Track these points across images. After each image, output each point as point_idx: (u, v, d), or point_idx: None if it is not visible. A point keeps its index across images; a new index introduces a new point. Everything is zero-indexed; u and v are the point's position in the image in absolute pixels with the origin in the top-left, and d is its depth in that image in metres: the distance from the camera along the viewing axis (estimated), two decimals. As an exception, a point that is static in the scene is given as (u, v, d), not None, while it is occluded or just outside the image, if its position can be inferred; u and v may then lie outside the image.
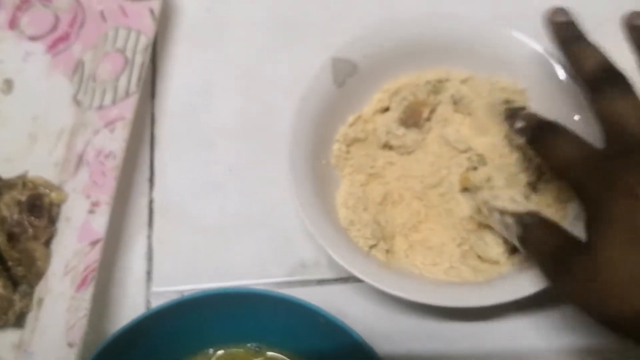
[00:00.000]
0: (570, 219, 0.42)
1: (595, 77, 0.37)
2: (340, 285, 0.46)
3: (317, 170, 0.45)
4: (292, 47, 0.53)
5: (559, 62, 0.44)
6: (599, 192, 0.34)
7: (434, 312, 0.45)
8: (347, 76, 0.46)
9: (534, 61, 0.45)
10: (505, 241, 0.42)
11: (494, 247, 0.42)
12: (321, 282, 0.47)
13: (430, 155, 0.46)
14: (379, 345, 0.39)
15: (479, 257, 0.43)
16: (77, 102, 0.50)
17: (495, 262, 0.42)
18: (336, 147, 0.47)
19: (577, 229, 0.36)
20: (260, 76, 0.52)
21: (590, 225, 0.35)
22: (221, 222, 0.48)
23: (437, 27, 0.47)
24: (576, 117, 0.43)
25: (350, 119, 0.47)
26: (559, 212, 0.43)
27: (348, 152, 0.47)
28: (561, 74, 0.44)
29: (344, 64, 0.46)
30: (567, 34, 0.40)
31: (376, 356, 0.38)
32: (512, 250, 0.42)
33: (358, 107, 0.47)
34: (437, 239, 0.44)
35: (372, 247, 0.43)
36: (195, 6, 0.55)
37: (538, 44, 0.45)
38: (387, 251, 0.43)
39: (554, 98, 0.44)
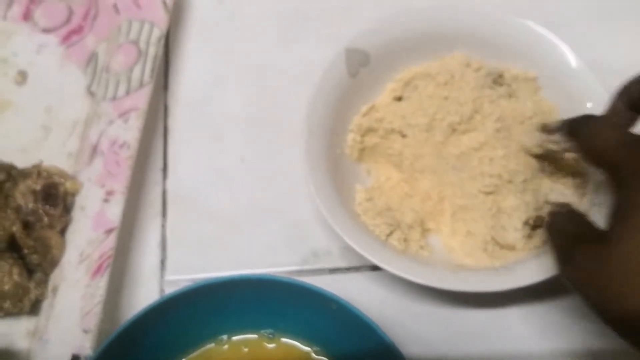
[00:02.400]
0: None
1: None
2: (353, 274, 0.47)
3: (332, 159, 0.45)
4: (303, 38, 0.54)
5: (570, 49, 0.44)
6: (631, 179, 0.33)
7: (447, 299, 0.45)
8: (360, 66, 0.47)
9: (545, 49, 0.45)
10: (523, 226, 0.42)
11: (512, 232, 0.42)
12: (333, 270, 0.47)
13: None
14: (392, 331, 0.39)
15: (497, 242, 0.43)
16: (90, 93, 0.51)
17: (512, 248, 0.42)
18: (350, 137, 0.47)
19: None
20: (271, 67, 0.53)
21: (615, 214, 0.33)
22: (233, 212, 0.49)
23: (449, 17, 0.47)
24: (588, 105, 0.43)
25: (364, 108, 0.47)
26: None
27: (362, 142, 0.47)
28: (572, 60, 0.44)
29: (358, 54, 0.47)
30: None
31: (389, 341, 0.38)
32: (530, 235, 0.42)
33: (371, 97, 0.48)
34: (454, 227, 0.44)
35: (388, 235, 0.44)
36: (206, -2, 0.56)
37: (549, 32, 0.45)
38: (404, 240, 0.43)
39: (565, 85, 0.44)
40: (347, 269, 0.47)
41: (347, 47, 0.46)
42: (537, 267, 0.40)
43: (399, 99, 0.47)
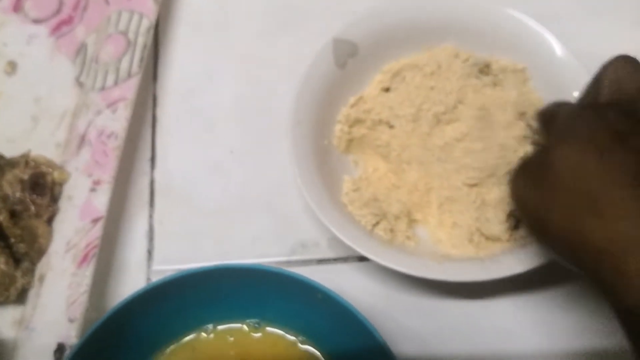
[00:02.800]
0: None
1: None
2: (340, 264, 0.47)
3: (319, 150, 0.45)
4: (292, 30, 0.54)
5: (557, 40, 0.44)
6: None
7: (433, 289, 0.45)
8: (348, 57, 0.47)
9: (533, 40, 0.45)
10: (507, 218, 0.42)
11: (496, 225, 0.42)
12: (321, 261, 0.47)
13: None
14: (378, 321, 0.39)
15: (482, 234, 0.43)
16: (79, 84, 0.51)
17: (497, 239, 0.42)
18: (338, 128, 0.47)
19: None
20: (260, 59, 0.53)
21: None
22: (222, 203, 0.49)
23: (437, 8, 0.47)
24: (575, 94, 0.43)
25: (352, 99, 0.47)
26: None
27: (350, 132, 0.47)
28: (559, 51, 0.44)
29: (345, 44, 0.47)
30: None
31: (374, 331, 0.38)
32: (514, 227, 0.42)
33: (359, 88, 0.48)
34: (441, 218, 0.44)
35: (374, 225, 0.44)
36: (196, -10, 0.56)
37: (536, 22, 0.45)
38: (391, 230, 0.43)
39: (553, 76, 0.44)
40: (335, 260, 0.47)
41: (335, 38, 0.46)
42: (523, 258, 0.40)
43: (387, 90, 0.47)
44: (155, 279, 0.46)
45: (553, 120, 0.37)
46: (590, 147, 0.32)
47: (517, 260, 0.40)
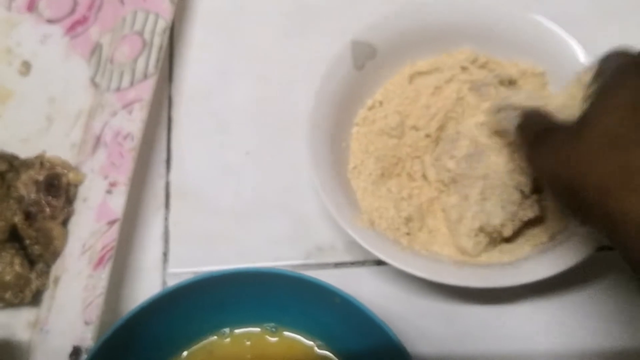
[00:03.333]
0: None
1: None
2: (357, 268, 0.46)
3: (337, 153, 0.45)
4: (307, 32, 0.54)
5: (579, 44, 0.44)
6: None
7: (450, 292, 0.45)
8: (366, 59, 0.46)
9: (554, 44, 0.45)
10: (503, 208, 0.42)
11: (495, 216, 0.42)
12: (338, 265, 0.47)
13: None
14: (395, 326, 0.38)
15: (484, 231, 0.42)
16: (94, 84, 0.51)
17: (499, 232, 0.42)
18: (355, 130, 0.46)
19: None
20: (276, 60, 0.53)
21: (588, 103, 0.33)
22: (237, 205, 0.49)
23: (456, 11, 0.47)
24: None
25: (369, 102, 0.47)
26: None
27: (366, 135, 0.47)
28: (581, 56, 0.44)
29: (364, 47, 0.46)
30: None
31: (393, 335, 0.37)
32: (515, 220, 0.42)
33: (377, 90, 0.48)
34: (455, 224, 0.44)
35: (393, 229, 0.43)
36: (211, -9, 0.55)
37: (557, 27, 0.44)
38: (407, 234, 0.43)
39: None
40: (352, 264, 0.47)
41: (353, 40, 0.46)
42: (543, 264, 0.40)
43: (402, 94, 0.47)
44: (171, 281, 0.46)
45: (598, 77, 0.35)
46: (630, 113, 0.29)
47: (538, 266, 0.40)
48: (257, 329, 0.43)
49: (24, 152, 0.48)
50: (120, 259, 0.46)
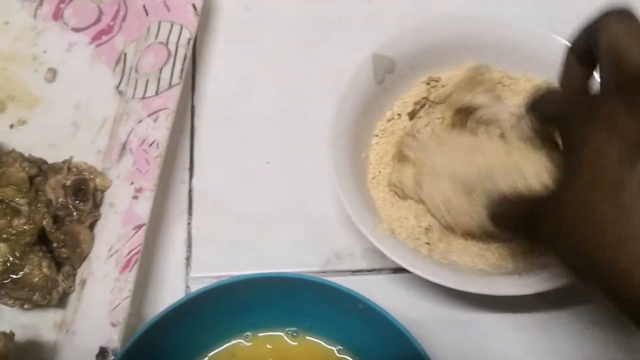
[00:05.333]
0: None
1: (600, 15, 0.34)
2: (374, 275, 0.48)
3: (357, 163, 0.46)
4: (326, 43, 0.55)
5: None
6: (579, 126, 0.32)
7: (468, 301, 0.46)
8: (386, 73, 0.48)
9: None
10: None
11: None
12: (355, 272, 0.48)
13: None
14: (413, 333, 0.39)
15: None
16: (119, 92, 0.52)
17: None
18: (375, 142, 0.48)
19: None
20: (296, 71, 0.54)
21: (562, 169, 0.33)
22: (257, 212, 0.50)
23: (474, 26, 0.48)
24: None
25: (388, 114, 0.48)
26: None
27: (385, 147, 0.48)
28: (596, 74, 0.45)
29: (384, 60, 0.48)
30: None
31: (416, 343, 0.38)
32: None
33: (395, 103, 0.49)
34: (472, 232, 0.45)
35: (413, 239, 0.44)
36: (233, 3, 0.57)
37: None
38: (427, 243, 0.44)
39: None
40: (369, 271, 0.48)
41: (374, 53, 0.47)
42: (562, 272, 0.41)
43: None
44: (193, 285, 0.47)
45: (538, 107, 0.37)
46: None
47: (556, 274, 0.41)
48: (279, 333, 0.44)
49: (52, 157, 0.49)
50: (145, 262, 0.47)
